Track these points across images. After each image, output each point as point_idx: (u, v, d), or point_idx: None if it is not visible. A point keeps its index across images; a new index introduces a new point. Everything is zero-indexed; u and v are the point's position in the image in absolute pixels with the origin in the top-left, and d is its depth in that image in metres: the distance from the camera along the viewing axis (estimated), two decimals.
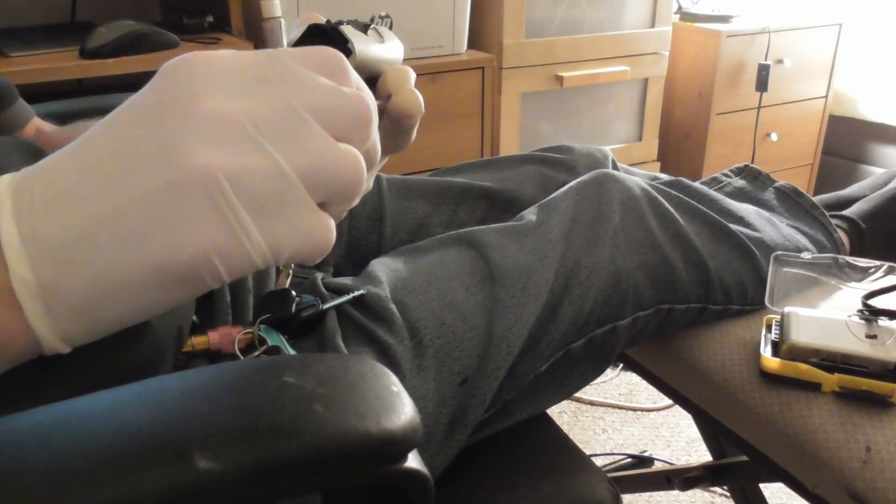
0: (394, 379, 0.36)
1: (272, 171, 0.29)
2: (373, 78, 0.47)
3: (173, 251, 0.28)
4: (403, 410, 0.33)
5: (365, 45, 0.43)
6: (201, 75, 0.29)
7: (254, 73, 0.30)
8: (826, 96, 2.19)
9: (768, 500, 1.13)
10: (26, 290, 0.28)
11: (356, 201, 0.32)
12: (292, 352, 0.59)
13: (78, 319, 0.29)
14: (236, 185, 0.28)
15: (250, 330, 0.59)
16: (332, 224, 0.31)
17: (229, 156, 0.28)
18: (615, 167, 0.93)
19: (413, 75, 0.47)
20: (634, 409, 1.65)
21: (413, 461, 0.34)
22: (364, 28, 0.45)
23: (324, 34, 0.43)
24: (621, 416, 1.64)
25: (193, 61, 0.30)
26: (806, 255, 0.85)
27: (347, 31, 0.43)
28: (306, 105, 0.30)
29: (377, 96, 0.47)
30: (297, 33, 0.44)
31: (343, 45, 0.42)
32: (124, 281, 0.29)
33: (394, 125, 0.45)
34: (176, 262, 0.28)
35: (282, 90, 0.30)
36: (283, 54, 0.31)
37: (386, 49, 0.46)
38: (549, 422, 0.76)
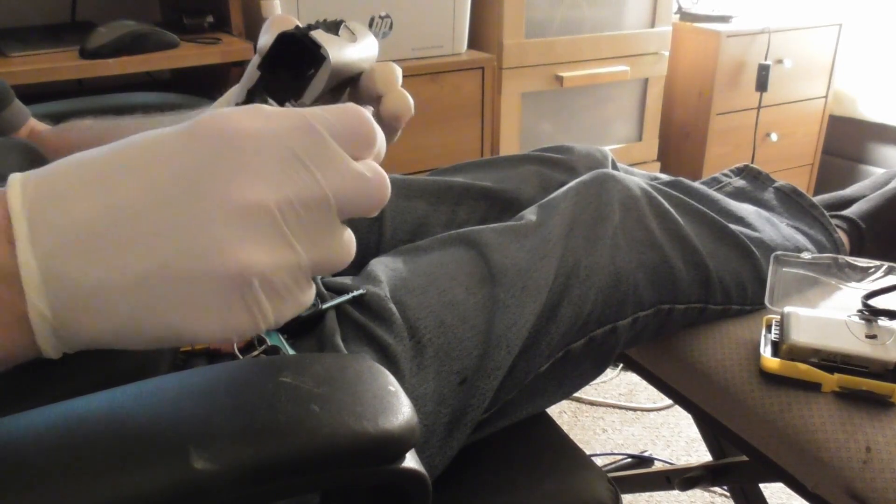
0: (391, 378, 0.36)
1: (295, 267, 0.31)
2: (350, 78, 0.46)
3: (196, 330, 0.30)
4: (401, 410, 0.33)
5: (339, 49, 0.43)
6: (243, 152, 0.30)
7: (293, 153, 0.30)
8: (826, 96, 2.19)
9: (768, 500, 1.13)
10: (42, 321, 0.29)
11: None
12: (291, 351, 0.59)
13: (79, 346, 0.30)
14: (265, 284, 0.30)
15: None
16: (314, 289, 0.33)
17: (262, 253, 0.29)
18: (615, 167, 0.93)
19: (399, 72, 0.47)
20: (634, 409, 1.65)
21: (411, 461, 0.34)
22: (336, 27, 0.45)
23: (296, 42, 0.42)
24: (621, 416, 1.64)
25: (233, 136, 0.30)
26: (806, 255, 0.85)
27: (320, 36, 0.42)
28: (335, 192, 0.31)
29: (360, 97, 0.47)
30: (268, 38, 0.44)
31: (316, 51, 0.42)
32: (140, 338, 0.30)
33: (383, 126, 0.45)
34: (196, 337, 0.30)
35: (318, 175, 0.30)
36: (318, 123, 0.31)
37: (361, 49, 0.45)
38: (549, 421, 0.76)
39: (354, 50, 0.45)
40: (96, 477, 0.29)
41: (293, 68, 0.43)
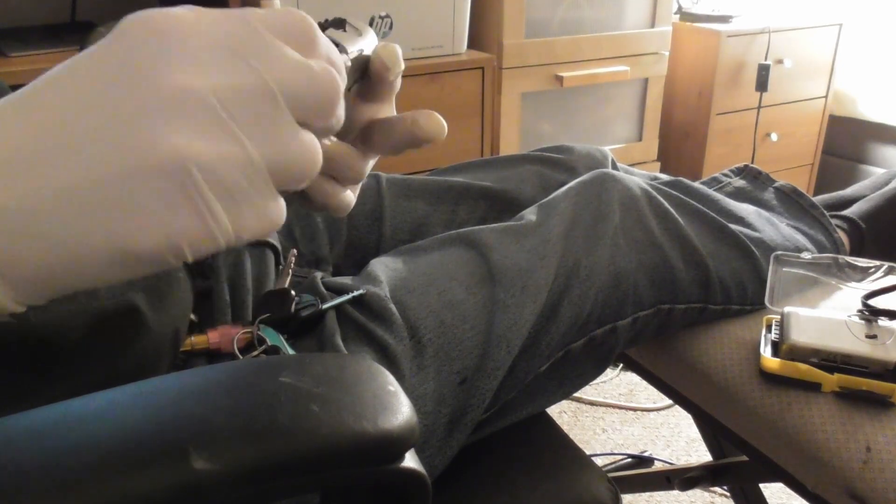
0: (391, 378, 0.36)
1: (242, 160, 0.28)
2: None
3: (140, 236, 0.27)
4: (400, 410, 0.33)
5: (352, 46, 0.43)
6: (170, 43, 0.27)
7: (226, 42, 0.28)
8: (826, 96, 2.19)
9: (768, 500, 1.13)
10: None
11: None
12: (291, 351, 0.59)
13: (34, 286, 0.28)
14: (207, 174, 0.27)
15: (250, 329, 0.59)
16: (285, 209, 0.31)
17: (199, 141, 0.27)
18: (615, 167, 0.93)
19: (400, 50, 0.47)
20: (634, 409, 1.65)
21: (410, 461, 0.34)
22: (342, 25, 0.44)
23: None
24: (621, 416, 1.63)
25: (161, 25, 0.28)
26: (806, 255, 0.85)
27: (335, 35, 0.42)
28: (278, 83, 0.29)
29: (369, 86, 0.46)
30: None
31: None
32: (85, 258, 0.27)
33: (375, 82, 0.44)
34: (142, 246, 0.27)
35: (255, 64, 0.28)
36: (254, 19, 0.29)
37: (368, 43, 0.45)
38: (549, 421, 0.76)
39: (367, 44, 0.45)
40: (95, 477, 0.29)
41: None
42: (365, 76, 0.44)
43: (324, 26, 0.42)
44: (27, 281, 0.27)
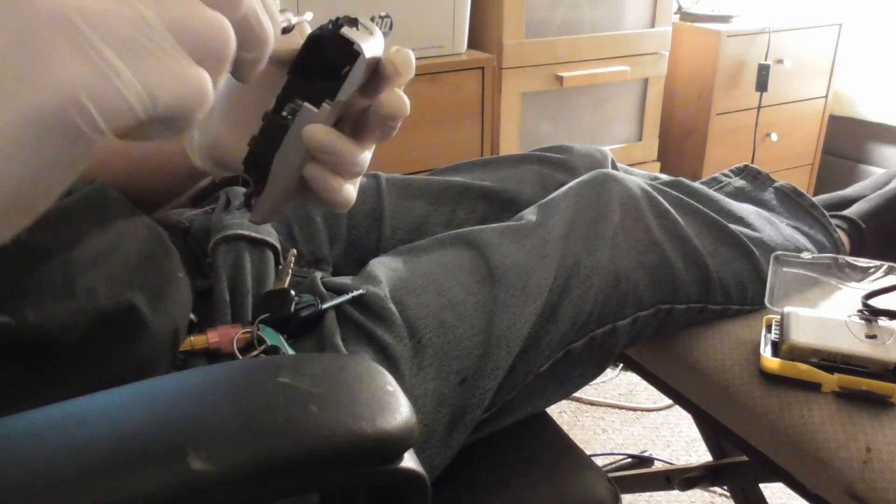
0: (389, 378, 0.36)
1: (131, 14, 0.27)
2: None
3: (37, 96, 0.26)
4: (399, 410, 0.33)
5: (365, 43, 0.43)
6: None
7: None
8: (826, 96, 2.19)
9: (768, 500, 1.13)
10: None
11: (226, 73, 0.31)
12: (291, 351, 0.59)
13: None
14: (93, 25, 0.26)
15: (249, 329, 0.59)
16: (209, 80, 0.29)
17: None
18: (614, 167, 0.93)
19: (413, 57, 0.46)
20: (634, 409, 1.65)
21: (409, 461, 0.34)
22: (354, 24, 0.44)
23: (325, 42, 0.42)
24: (621, 416, 1.63)
25: None
26: (806, 255, 0.85)
27: (350, 33, 0.42)
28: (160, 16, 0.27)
29: (375, 87, 0.46)
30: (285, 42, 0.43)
31: (349, 48, 0.41)
32: (16, 127, 0.26)
33: (382, 83, 0.43)
34: (43, 107, 0.26)
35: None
36: None
37: (377, 43, 0.45)
38: (549, 421, 0.76)
39: (377, 43, 0.44)
40: (94, 478, 0.29)
41: (323, 69, 0.42)
42: (373, 76, 0.43)
43: (338, 24, 0.42)
44: None
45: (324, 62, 0.42)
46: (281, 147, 0.42)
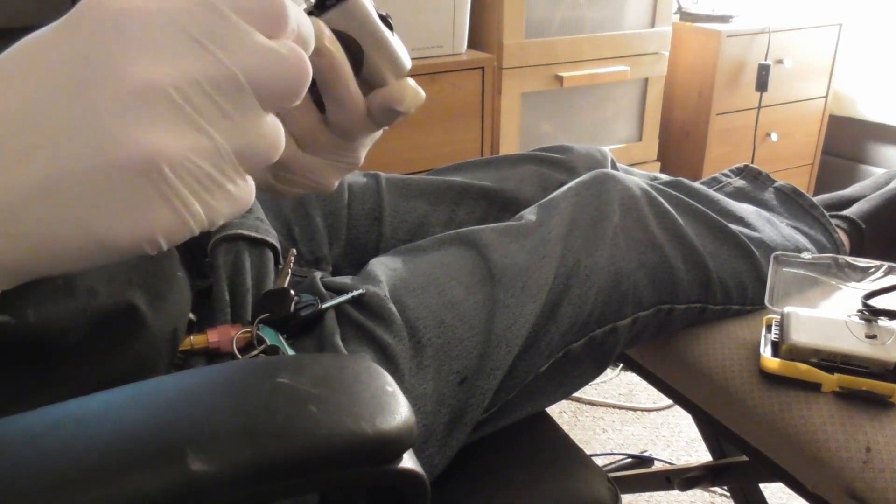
0: (389, 379, 0.35)
1: (210, 151, 0.28)
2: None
3: (115, 230, 0.27)
4: (398, 410, 0.33)
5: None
6: (128, 31, 0.26)
7: (189, 29, 0.27)
8: (826, 96, 2.19)
9: (768, 500, 1.13)
10: None
11: None
12: (291, 351, 0.59)
13: (4, 273, 0.28)
14: (178, 170, 0.27)
15: (249, 329, 0.59)
16: (254, 192, 0.31)
17: (167, 137, 0.27)
18: (614, 167, 0.93)
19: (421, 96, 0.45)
20: (634, 409, 1.65)
21: (409, 461, 0.34)
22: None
23: None
24: (621, 416, 1.63)
25: (117, 9, 0.26)
26: (806, 255, 0.85)
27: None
28: (245, 71, 0.28)
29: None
30: None
31: (386, 23, 0.40)
32: (59, 251, 0.27)
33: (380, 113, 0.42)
34: (118, 240, 0.27)
35: (219, 53, 0.27)
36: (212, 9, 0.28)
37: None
38: (549, 420, 0.76)
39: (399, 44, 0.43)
40: (94, 478, 0.28)
41: None
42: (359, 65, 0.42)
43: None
44: (3, 271, 0.27)
45: None
46: None
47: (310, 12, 0.40)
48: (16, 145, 0.26)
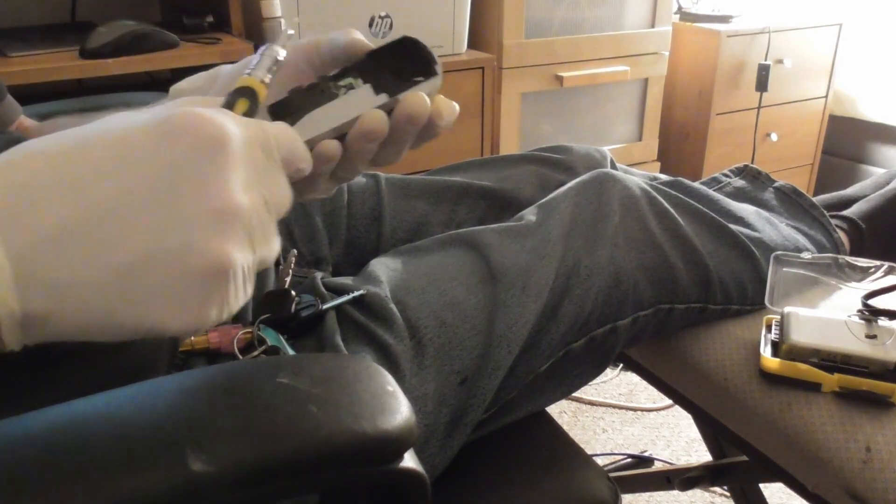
0: (389, 378, 0.36)
1: (252, 263, 0.34)
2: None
3: (171, 323, 0.31)
4: (399, 410, 0.33)
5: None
6: (221, 160, 0.32)
7: (254, 166, 0.34)
8: (826, 96, 2.19)
9: (768, 500, 1.13)
10: (10, 317, 0.28)
11: None
12: (291, 352, 0.59)
13: (43, 337, 0.30)
14: (236, 278, 0.32)
15: (250, 329, 0.59)
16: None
17: (234, 251, 0.32)
18: (613, 167, 0.93)
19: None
20: (634, 409, 1.65)
21: (409, 461, 0.34)
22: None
23: (410, 48, 0.47)
24: (621, 416, 1.63)
25: (213, 138, 0.32)
26: (806, 255, 0.85)
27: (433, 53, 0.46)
28: (277, 206, 0.35)
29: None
30: (343, 39, 0.47)
31: (431, 63, 0.46)
32: (111, 331, 0.30)
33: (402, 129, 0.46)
34: (168, 329, 0.31)
35: (265, 191, 0.34)
36: (273, 146, 0.35)
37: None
38: (549, 419, 0.76)
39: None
40: (94, 479, 0.29)
41: (396, 68, 0.46)
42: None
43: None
44: (42, 337, 0.30)
45: (401, 63, 0.46)
46: (316, 110, 0.43)
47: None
48: (102, 233, 0.30)
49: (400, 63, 0.46)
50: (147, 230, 0.30)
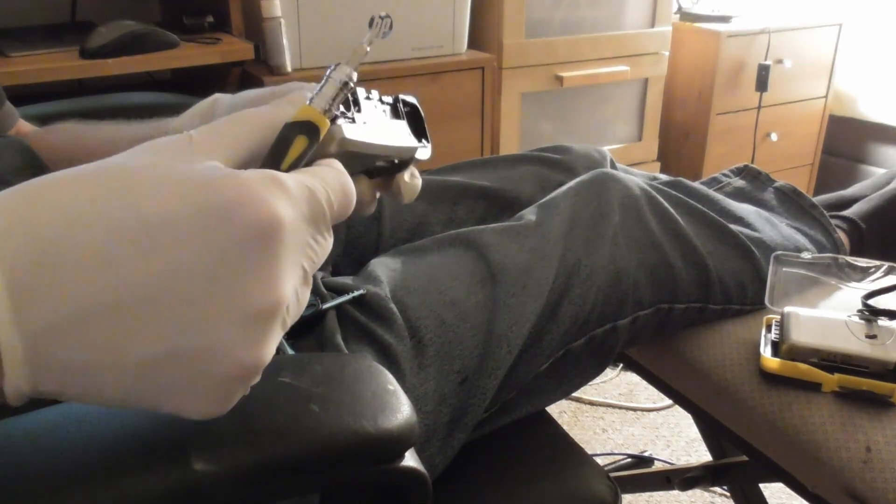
0: (390, 377, 0.36)
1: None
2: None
3: (188, 411, 0.29)
4: (400, 409, 0.33)
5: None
6: (267, 256, 0.29)
7: (301, 239, 0.31)
8: (826, 96, 2.19)
9: (768, 500, 1.13)
10: (15, 392, 0.27)
11: None
12: (291, 351, 0.59)
13: (53, 396, 0.28)
14: (290, 313, 0.31)
15: None
16: None
17: (265, 353, 0.30)
18: (613, 167, 0.93)
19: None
20: (634, 409, 1.65)
21: (410, 460, 0.34)
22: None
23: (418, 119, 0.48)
24: (621, 416, 1.63)
25: (267, 228, 0.29)
26: (806, 255, 0.85)
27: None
28: (316, 266, 0.33)
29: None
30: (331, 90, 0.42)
31: (426, 131, 0.47)
32: (116, 406, 0.29)
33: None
34: (183, 414, 0.29)
35: (306, 262, 0.31)
36: (327, 212, 0.32)
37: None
38: (548, 419, 0.76)
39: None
40: (96, 479, 0.29)
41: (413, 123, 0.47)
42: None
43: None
44: (39, 396, 0.28)
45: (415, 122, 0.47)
46: (376, 123, 0.43)
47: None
48: (130, 320, 0.27)
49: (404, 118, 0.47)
50: (179, 323, 0.27)
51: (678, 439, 1.56)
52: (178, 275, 0.27)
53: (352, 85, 0.37)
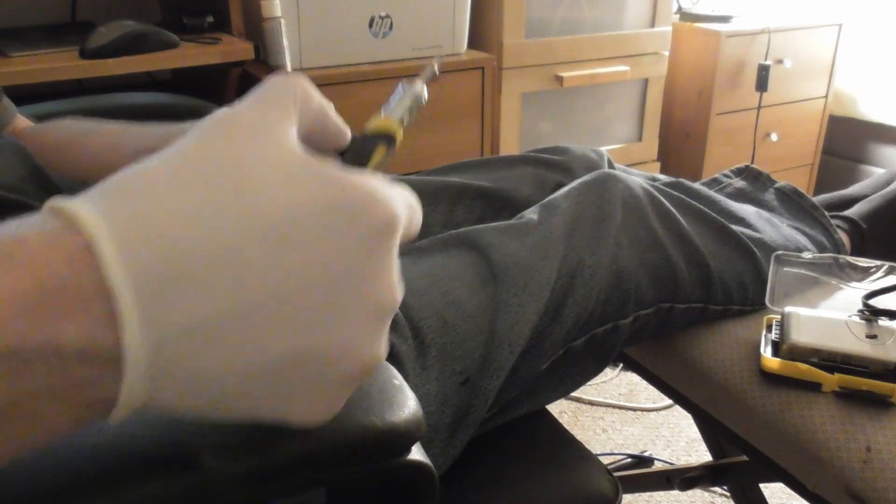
0: (395, 372, 0.36)
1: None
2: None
3: (303, 418, 0.30)
4: (406, 404, 0.34)
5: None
6: (389, 252, 0.29)
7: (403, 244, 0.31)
8: (826, 96, 2.19)
9: (768, 500, 1.13)
10: (129, 406, 0.25)
11: None
12: None
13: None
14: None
15: None
16: None
17: (383, 347, 0.30)
18: (611, 168, 0.93)
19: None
20: (634, 409, 1.65)
21: (417, 454, 0.34)
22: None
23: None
24: (621, 416, 1.64)
25: (390, 230, 0.28)
26: (806, 255, 0.85)
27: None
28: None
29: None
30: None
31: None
32: (225, 418, 0.29)
33: None
34: (295, 423, 0.30)
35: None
36: (415, 222, 0.32)
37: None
38: (549, 416, 0.76)
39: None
40: (99, 478, 0.29)
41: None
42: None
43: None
44: (165, 407, 0.27)
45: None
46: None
47: None
48: (256, 325, 0.26)
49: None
50: (305, 324, 0.26)
51: (678, 439, 1.56)
52: (311, 273, 0.26)
53: (423, 101, 0.37)
